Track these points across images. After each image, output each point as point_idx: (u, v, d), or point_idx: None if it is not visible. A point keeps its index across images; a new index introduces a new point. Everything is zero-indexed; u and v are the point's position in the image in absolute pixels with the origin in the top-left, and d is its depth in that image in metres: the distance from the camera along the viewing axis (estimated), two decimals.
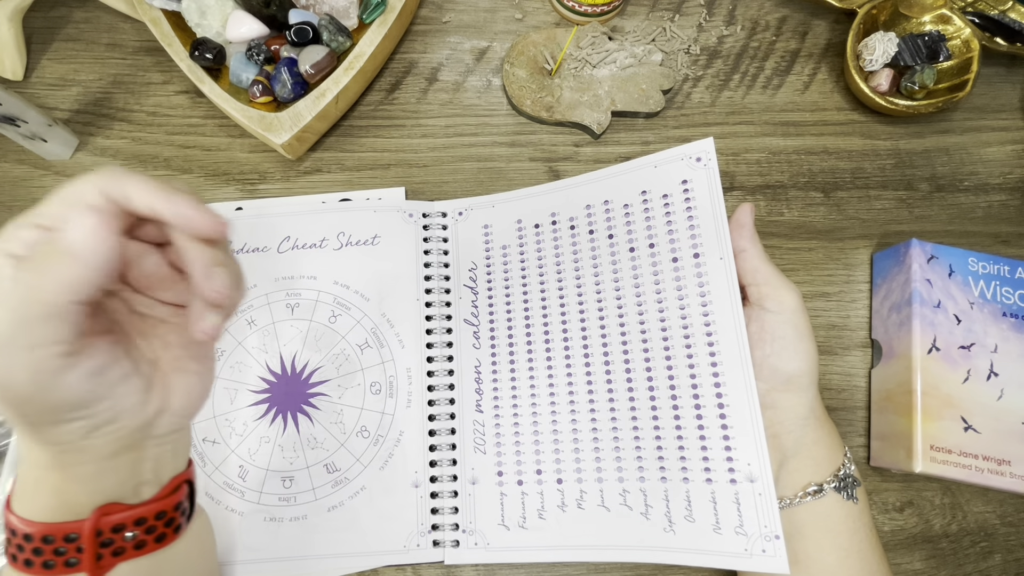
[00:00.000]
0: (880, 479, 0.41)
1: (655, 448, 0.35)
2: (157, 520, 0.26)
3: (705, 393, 0.34)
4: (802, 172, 0.46)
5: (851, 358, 0.42)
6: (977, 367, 0.37)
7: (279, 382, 0.39)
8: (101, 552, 0.24)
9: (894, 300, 0.41)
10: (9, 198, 0.44)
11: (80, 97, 0.46)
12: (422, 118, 0.46)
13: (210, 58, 0.41)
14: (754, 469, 0.32)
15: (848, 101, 0.48)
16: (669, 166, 0.38)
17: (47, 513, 0.24)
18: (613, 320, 0.37)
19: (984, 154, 0.47)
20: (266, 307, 0.40)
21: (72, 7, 0.48)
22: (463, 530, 0.37)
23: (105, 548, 0.24)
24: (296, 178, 0.45)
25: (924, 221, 0.45)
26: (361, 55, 0.42)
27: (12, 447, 0.37)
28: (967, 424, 0.36)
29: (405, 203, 0.43)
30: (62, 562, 0.24)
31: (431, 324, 0.40)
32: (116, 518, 0.24)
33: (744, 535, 0.32)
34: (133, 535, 0.25)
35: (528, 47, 0.46)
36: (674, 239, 0.36)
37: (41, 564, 0.24)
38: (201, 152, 0.45)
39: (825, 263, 0.44)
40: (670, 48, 0.48)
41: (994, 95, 0.48)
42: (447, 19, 0.49)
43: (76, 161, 0.45)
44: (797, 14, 0.50)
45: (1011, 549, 0.40)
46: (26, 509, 0.25)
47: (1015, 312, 0.39)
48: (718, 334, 0.34)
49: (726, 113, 0.47)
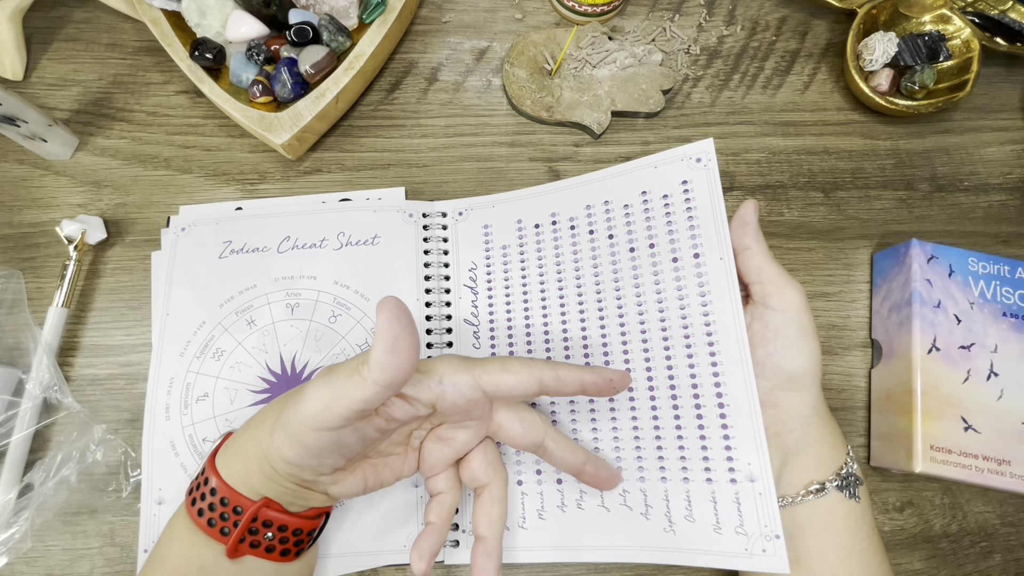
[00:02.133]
0: (880, 479, 0.41)
1: (655, 448, 0.35)
2: (293, 535, 0.30)
3: (705, 393, 0.34)
4: (802, 172, 0.46)
5: (851, 358, 0.42)
6: (977, 367, 0.37)
7: (279, 382, 0.39)
8: (245, 535, 0.29)
9: (894, 300, 0.41)
10: (9, 198, 0.44)
11: (80, 97, 0.46)
12: (422, 118, 0.46)
13: (210, 58, 0.41)
14: (754, 469, 0.32)
15: (848, 101, 0.48)
16: (669, 166, 0.38)
17: (234, 480, 0.30)
18: (613, 320, 0.37)
19: (984, 154, 0.47)
20: (266, 307, 0.40)
21: (72, 7, 0.48)
22: (463, 530, 0.37)
23: (250, 535, 0.29)
24: (296, 178, 0.45)
25: (924, 221, 0.45)
26: (361, 55, 0.42)
27: (12, 447, 0.37)
28: (967, 424, 0.36)
29: (405, 203, 0.43)
30: (220, 528, 0.29)
31: (431, 324, 0.40)
32: (271, 514, 0.29)
33: (744, 535, 0.32)
34: (271, 536, 0.30)
35: (528, 47, 0.46)
36: (674, 239, 0.36)
37: (207, 519, 0.29)
38: (201, 152, 0.45)
39: (825, 263, 0.44)
40: (670, 48, 0.48)
41: (994, 95, 0.48)
42: (447, 19, 0.49)
43: (76, 161, 0.45)
44: (797, 14, 0.50)
45: (1011, 549, 0.40)
46: (223, 467, 0.30)
47: (1015, 312, 0.39)
48: (718, 334, 0.34)
49: (726, 113, 0.47)
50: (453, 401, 0.30)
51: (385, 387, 0.26)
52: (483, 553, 0.32)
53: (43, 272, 0.42)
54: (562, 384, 0.31)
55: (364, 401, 0.26)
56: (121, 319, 0.42)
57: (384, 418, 0.29)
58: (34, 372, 0.38)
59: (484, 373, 0.30)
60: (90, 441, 0.38)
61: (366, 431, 0.29)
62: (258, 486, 0.29)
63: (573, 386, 0.31)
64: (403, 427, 0.32)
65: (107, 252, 0.43)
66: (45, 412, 0.39)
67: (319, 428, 0.27)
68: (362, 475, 0.31)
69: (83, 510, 0.38)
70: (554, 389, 0.31)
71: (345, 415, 0.26)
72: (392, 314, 0.25)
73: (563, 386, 0.31)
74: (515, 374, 0.30)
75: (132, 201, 0.44)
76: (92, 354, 0.41)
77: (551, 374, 0.30)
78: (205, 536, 0.29)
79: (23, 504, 0.37)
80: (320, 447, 0.28)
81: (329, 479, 0.30)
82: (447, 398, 0.29)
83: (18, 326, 0.40)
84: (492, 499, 0.33)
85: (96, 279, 0.42)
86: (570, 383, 0.31)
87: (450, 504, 0.33)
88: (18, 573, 0.37)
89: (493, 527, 0.32)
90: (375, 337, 0.25)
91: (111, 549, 0.38)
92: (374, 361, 0.25)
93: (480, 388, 0.30)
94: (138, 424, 0.39)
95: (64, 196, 0.44)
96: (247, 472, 0.30)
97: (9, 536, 0.36)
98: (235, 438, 0.31)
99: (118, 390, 0.40)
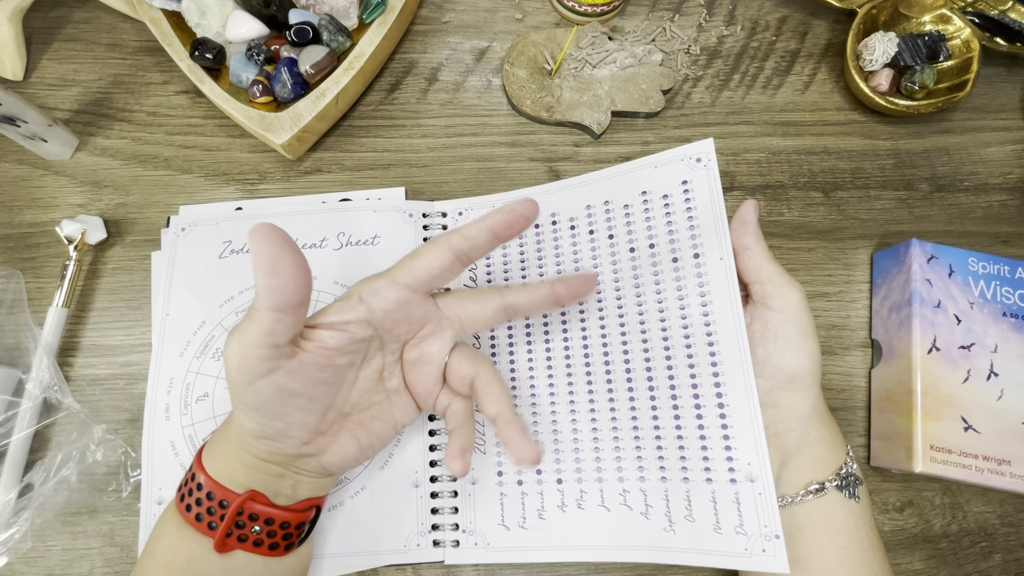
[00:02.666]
0: (880, 479, 0.41)
1: (655, 448, 0.35)
2: (281, 528, 0.30)
3: (705, 393, 0.34)
4: (802, 172, 0.46)
5: (851, 358, 0.42)
6: (977, 367, 0.37)
7: None
8: (232, 529, 0.29)
9: (894, 300, 0.41)
10: (9, 198, 0.44)
11: (80, 97, 0.46)
12: (422, 118, 0.46)
13: (210, 58, 0.41)
14: (754, 469, 0.32)
15: (848, 101, 0.48)
16: (669, 167, 0.38)
17: (218, 474, 0.29)
18: (613, 320, 0.37)
19: (984, 154, 0.47)
20: None
21: (72, 7, 0.48)
22: (463, 530, 0.37)
23: (236, 529, 0.29)
24: (296, 178, 0.45)
25: (924, 221, 0.45)
26: (361, 55, 0.42)
27: (12, 447, 0.37)
28: (967, 424, 0.36)
29: (405, 203, 0.43)
30: (207, 522, 0.29)
31: None
32: (256, 507, 0.29)
33: (744, 535, 0.32)
34: (259, 530, 0.29)
35: (528, 47, 0.46)
36: (674, 239, 0.36)
37: (195, 515, 0.29)
38: (201, 152, 0.45)
39: (825, 263, 0.44)
40: (670, 48, 0.48)
41: (994, 95, 0.48)
42: (447, 19, 0.49)
43: (76, 161, 0.45)
44: (797, 14, 0.50)
45: (1011, 549, 0.40)
46: (208, 462, 0.30)
47: (1015, 312, 0.39)
48: (718, 334, 0.34)
49: (726, 113, 0.47)
50: (383, 309, 0.29)
51: (280, 311, 0.25)
52: (503, 424, 0.31)
53: (43, 272, 0.42)
54: (473, 243, 0.29)
55: (268, 334, 0.25)
56: (121, 319, 0.42)
57: (320, 354, 0.28)
58: (34, 372, 0.38)
59: (398, 271, 0.29)
60: (90, 441, 0.38)
61: (311, 373, 0.28)
62: (242, 478, 0.29)
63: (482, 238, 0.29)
64: (364, 367, 0.31)
65: (107, 252, 0.43)
66: (45, 412, 0.39)
67: (248, 380, 0.26)
68: (351, 436, 0.31)
69: (83, 510, 0.38)
70: (468, 251, 0.29)
71: (260, 354, 0.26)
72: (265, 237, 0.25)
73: (473, 245, 0.29)
74: (425, 255, 0.29)
75: (132, 201, 0.44)
76: (92, 354, 0.41)
77: (462, 241, 0.29)
78: (194, 531, 0.29)
79: (23, 504, 0.37)
80: (266, 401, 0.27)
81: (312, 447, 0.29)
82: (375, 309, 0.29)
83: (18, 326, 0.40)
84: (487, 382, 0.32)
85: (96, 279, 0.42)
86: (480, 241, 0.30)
87: (462, 407, 0.33)
88: (18, 573, 0.37)
89: (500, 401, 0.31)
90: (253, 266, 0.25)
91: (111, 549, 0.38)
92: (259, 288, 0.25)
93: (399, 284, 0.29)
94: (138, 424, 0.39)
95: (64, 196, 0.44)
96: (228, 465, 0.29)
97: (9, 536, 0.36)
98: (216, 433, 0.31)
99: (118, 390, 0.40)
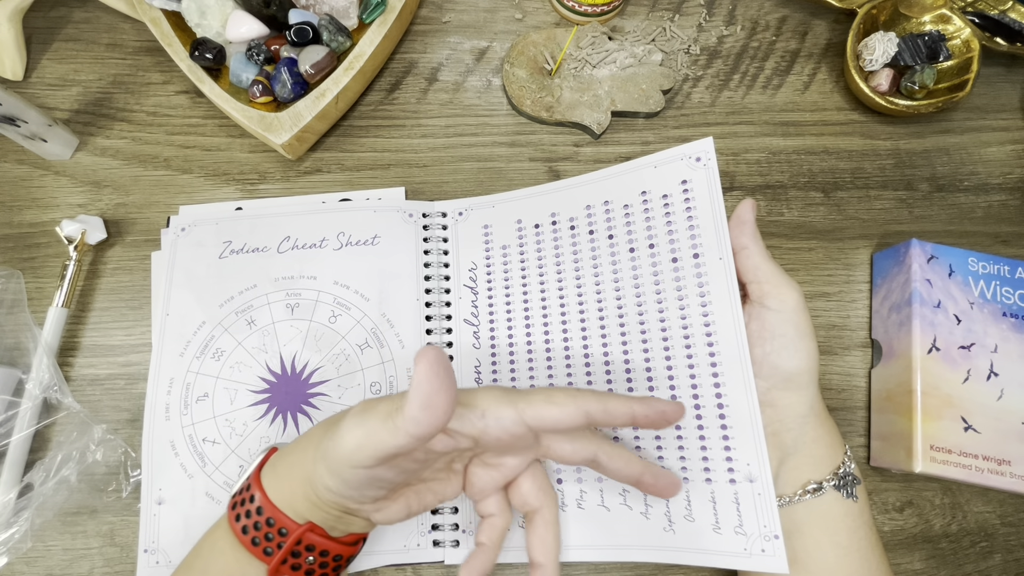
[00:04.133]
0: (880, 479, 0.41)
1: (655, 448, 0.35)
2: (333, 560, 0.30)
3: (705, 393, 0.34)
4: (802, 172, 0.46)
5: (851, 358, 0.42)
6: (977, 367, 0.37)
7: (279, 382, 0.39)
8: (287, 557, 0.29)
9: (894, 300, 0.41)
10: (9, 198, 0.44)
11: (80, 97, 0.46)
12: (422, 118, 0.46)
13: (210, 58, 0.41)
14: (753, 469, 0.32)
15: (848, 101, 0.48)
16: (669, 166, 0.38)
17: (280, 503, 0.30)
18: (613, 320, 0.37)
19: (984, 154, 0.47)
20: (266, 307, 0.40)
21: (72, 7, 0.48)
22: (463, 530, 0.37)
23: (292, 558, 0.29)
24: (296, 178, 0.45)
25: (924, 221, 0.45)
26: (361, 55, 0.42)
27: (12, 447, 0.37)
28: (967, 424, 0.36)
29: (405, 203, 0.43)
30: (263, 548, 0.29)
31: (431, 324, 0.40)
32: (315, 538, 0.29)
33: (743, 535, 0.32)
34: (312, 560, 0.30)
35: (528, 47, 0.46)
36: (674, 239, 0.36)
37: (252, 538, 0.29)
38: (201, 152, 0.45)
39: (825, 263, 0.44)
40: (670, 48, 0.48)
41: (994, 95, 0.48)
42: (447, 19, 0.49)
43: (76, 161, 0.45)
44: (797, 14, 0.50)
45: (1011, 549, 0.40)
46: (269, 487, 0.30)
47: (1015, 312, 0.39)
48: (718, 334, 0.34)
49: (726, 113, 0.47)
50: (496, 436, 0.29)
51: (418, 439, 0.26)
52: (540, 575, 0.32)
53: (43, 272, 0.42)
54: (610, 416, 0.29)
55: (396, 448, 0.26)
56: (121, 319, 0.42)
57: (424, 452, 0.28)
58: (34, 372, 0.38)
59: (528, 406, 0.29)
60: (90, 441, 0.38)
61: (405, 465, 0.28)
62: (302, 510, 0.29)
63: (622, 418, 0.29)
64: (444, 456, 0.31)
65: (107, 252, 0.43)
66: (45, 412, 0.39)
67: (354, 466, 0.27)
68: (405, 502, 0.31)
69: (83, 510, 0.38)
70: (602, 420, 0.29)
71: (378, 456, 0.26)
72: (430, 367, 0.25)
73: (611, 418, 0.29)
74: (560, 407, 0.29)
75: (132, 201, 0.44)
76: (92, 354, 0.41)
77: (598, 406, 0.29)
78: (248, 554, 0.29)
79: (23, 504, 0.37)
80: (359, 481, 0.28)
81: (372, 507, 0.30)
82: (490, 433, 0.29)
83: (18, 326, 0.40)
84: (545, 523, 0.32)
85: (96, 279, 0.42)
86: (619, 415, 0.29)
87: (502, 527, 0.33)
88: (18, 573, 0.37)
89: (549, 552, 0.32)
90: (411, 388, 0.25)
91: (111, 549, 0.38)
92: (408, 415, 0.25)
93: (524, 423, 0.29)
94: (138, 424, 0.39)
95: (64, 196, 0.44)
96: (292, 496, 0.30)
97: (9, 536, 0.36)
98: (282, 458, 0.31)
99: (118, 390, 0.41)
